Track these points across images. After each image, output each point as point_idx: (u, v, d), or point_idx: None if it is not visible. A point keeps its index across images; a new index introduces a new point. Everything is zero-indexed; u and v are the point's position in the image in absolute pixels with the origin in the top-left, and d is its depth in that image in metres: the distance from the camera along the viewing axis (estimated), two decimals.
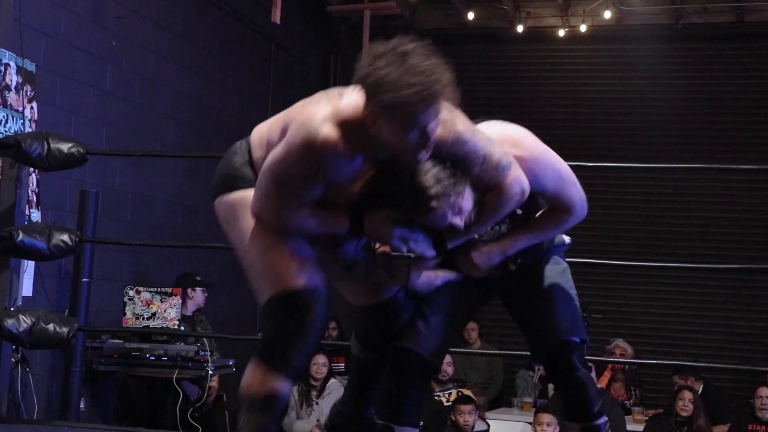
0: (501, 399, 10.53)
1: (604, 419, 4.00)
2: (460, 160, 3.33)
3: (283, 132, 3.37)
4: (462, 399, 8.95)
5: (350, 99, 3.26)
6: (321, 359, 9.13)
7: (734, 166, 10.76)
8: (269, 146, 3.45)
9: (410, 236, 3.43)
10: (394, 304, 3.82)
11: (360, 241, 3.57)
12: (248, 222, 3.49)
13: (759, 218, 11.75)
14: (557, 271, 3.96)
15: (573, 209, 3.70)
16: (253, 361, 3.47)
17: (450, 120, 3.27)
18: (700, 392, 9.27)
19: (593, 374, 9.27)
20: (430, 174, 3.25)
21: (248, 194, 3.47)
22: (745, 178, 11.55)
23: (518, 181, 3.44)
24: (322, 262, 3.54)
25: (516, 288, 3.93)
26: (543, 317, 3.86)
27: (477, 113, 3.40)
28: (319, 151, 3.21)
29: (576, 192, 3.71)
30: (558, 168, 3.67)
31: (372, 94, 3.09)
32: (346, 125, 3.22)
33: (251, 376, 3.44)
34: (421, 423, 8.62)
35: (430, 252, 3.49)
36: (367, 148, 3.28)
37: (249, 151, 3.56)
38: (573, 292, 3.97)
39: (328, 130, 3.19)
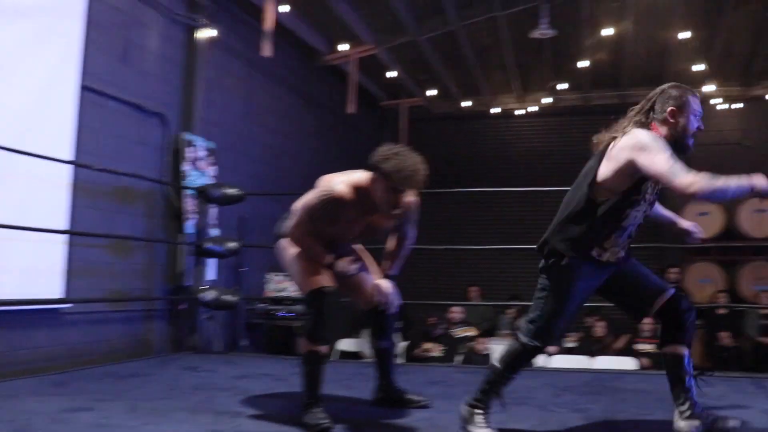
0: (491, 332, 10.52)
1: None
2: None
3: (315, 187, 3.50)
4: (482, 334, 9.10)
5: (360, 174, 3.43)
6: None
7: None
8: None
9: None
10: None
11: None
12: (291, 252, 3.60)
13: None
14: None
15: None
16: (302, 334, 3.54)
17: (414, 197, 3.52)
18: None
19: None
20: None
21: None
22: None
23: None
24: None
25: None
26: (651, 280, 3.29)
27: (471, 162, 3.63)
28: (332, 197, 3.37)
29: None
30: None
31: (378, 169, 3.28)
32: (354, 186, 3.40)
33: (301, 343, 3.50)
34: (444, 348, 8.88)
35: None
36: (364, 201, 3.40)
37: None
38: None
39: (342, 187, 3.38)
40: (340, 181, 3.42)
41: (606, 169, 3.11)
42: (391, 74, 10.48)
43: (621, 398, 4.11)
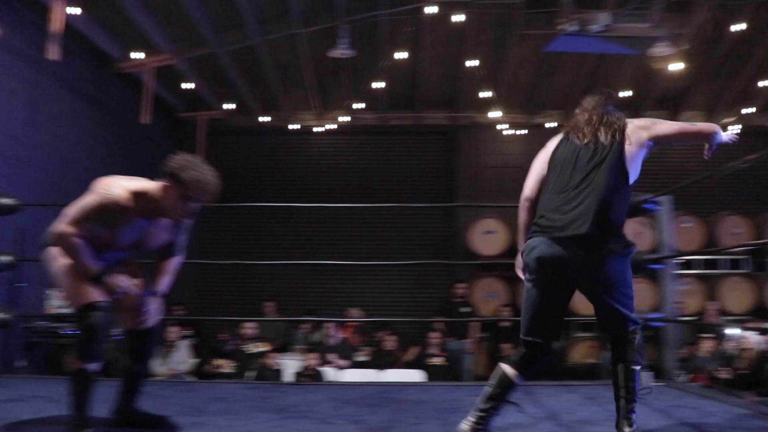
0: (285, 348, 10.47)
1: None
2: None
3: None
4: (276, 349, 9.01)
5: (144, 182, 3.34)
6: (174, 329, 8.73)
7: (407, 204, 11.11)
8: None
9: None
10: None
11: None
12: (60, 262, 3.38)
13: (428, 238, 12.32)
14: None
15: None
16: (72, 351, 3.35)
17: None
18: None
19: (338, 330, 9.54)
20: None
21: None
22: (421, 213, 12.12)
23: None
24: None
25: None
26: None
27: (269, 177, 3.52)
28: (110, 201, 3.25)
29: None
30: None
31: (174, 177, 3.22)
32: (135, 193, 3.30)
33: (70, 361, 3.31)
34: (236, 364, 8.74)
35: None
36: (144, 209, 3.31)
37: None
38: None
39: (121, 192, 3.27)
40: (121, 186, 3.30)
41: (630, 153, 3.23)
42: (189, 85, 10.26)
43: (400, 409, 4.23)
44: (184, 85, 10.28)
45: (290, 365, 8.79)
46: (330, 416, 3.98)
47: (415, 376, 8.36)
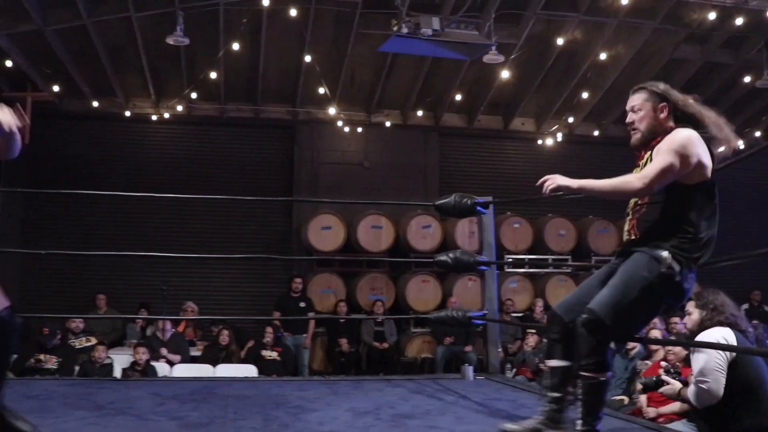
0: (120, 342, 10.10)
1: None
2: None
3: None
4: (107, 343, 8.69)
5: None
6: None
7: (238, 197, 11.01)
8: None
9: None
10: None
11: None
12: None
13: (266, 232, 12.25)
14: None
15: None
16: None
17: None
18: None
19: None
20: None
21: None
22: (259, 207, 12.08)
23: None
24: None
25: None
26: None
27: (103, 165, 3.16)
28: None
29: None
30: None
31: None
32: None
33: None
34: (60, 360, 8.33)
35: None
36: None
37: None
38: None
39: None
40: None
41: None
42: (10, 63, 9.65)
43: (223, 404, 4.18)
44: (6, 63, 9.66)
45: (119, 360, 8.48)
46: (149, 412, 3.88)
47: (249, 371, 8.29)
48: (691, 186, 3.03)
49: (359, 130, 12.13)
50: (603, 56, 10.47)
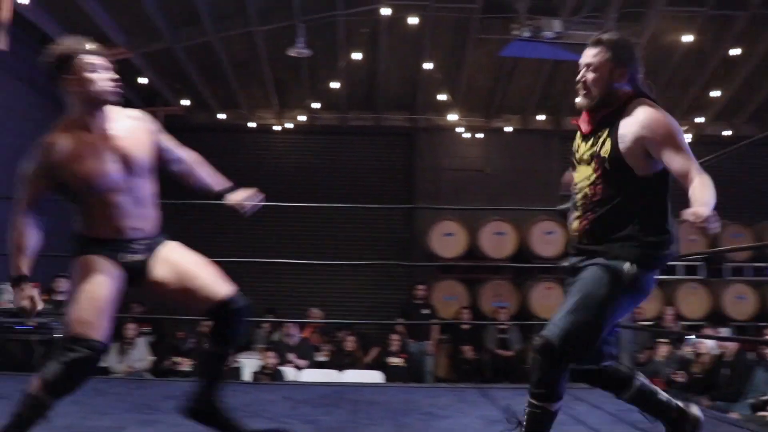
0: (246, 346, 10.25)
1: None
2: None
3: None
4: None
5: None
6: (131, 326, 8.42)
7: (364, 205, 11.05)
8: None
9: None
10: None
11: None
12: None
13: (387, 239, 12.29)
14: None
15: None
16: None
17: None
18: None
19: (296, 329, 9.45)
20: None
21: None
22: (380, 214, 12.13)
23: None
24: None
25: None
26: None
27: (227, 175, 3.23)
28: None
29: None
30: None
31: None
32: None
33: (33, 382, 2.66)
34: (195, 362, 8.59)
35: None
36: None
37: None
38: None
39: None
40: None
41: None
42: (144, 80, 10.10)
43: (355, 409, 4.19)
44: (140, 80, 10.12)
45: (249, 364, 8.70)
46: (283, 416, 3.92)
47: (375, 377, 8.33)
48: (651, 176, 2.67)
49: (479, 135, 12.03)
50: (733, 52, 9.96)
